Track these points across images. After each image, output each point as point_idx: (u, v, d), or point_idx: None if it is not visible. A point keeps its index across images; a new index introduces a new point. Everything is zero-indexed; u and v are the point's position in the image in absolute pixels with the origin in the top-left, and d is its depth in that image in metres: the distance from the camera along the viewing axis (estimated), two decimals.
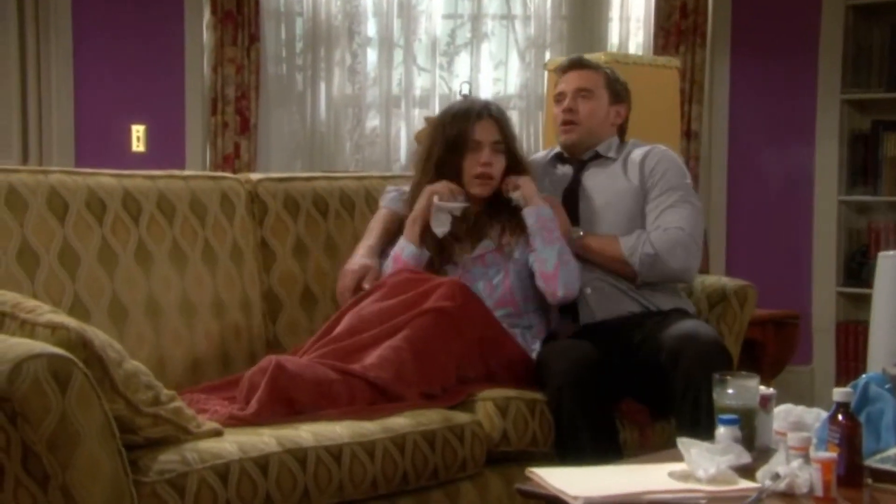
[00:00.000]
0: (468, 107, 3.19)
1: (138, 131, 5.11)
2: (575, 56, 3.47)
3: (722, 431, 2.27)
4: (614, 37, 5.43)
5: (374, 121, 5.34)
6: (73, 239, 2.71)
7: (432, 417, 2.66)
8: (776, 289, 4.81)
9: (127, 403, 2.13)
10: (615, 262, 3.17)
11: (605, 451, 2.79)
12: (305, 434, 2.41)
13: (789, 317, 4.58)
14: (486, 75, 5.38)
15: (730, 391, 2.36)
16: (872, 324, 4.00)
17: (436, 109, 5.25)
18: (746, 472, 2.15)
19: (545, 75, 4.51)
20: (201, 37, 5.11)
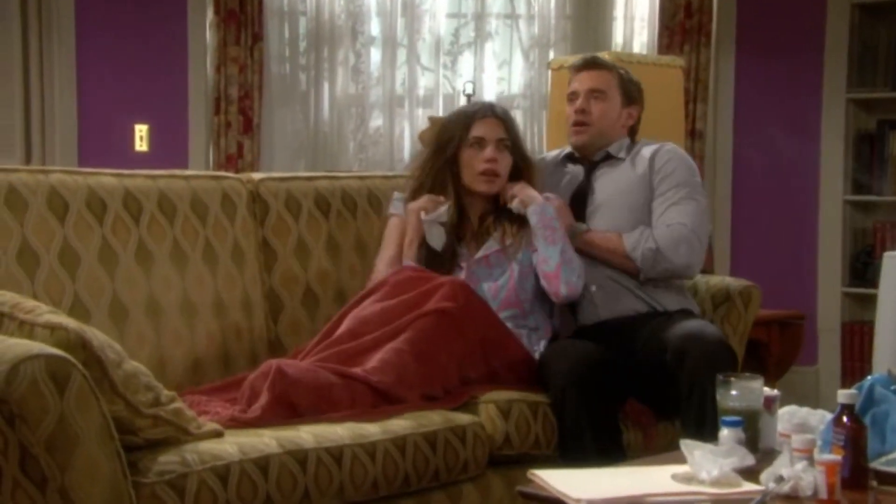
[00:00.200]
0: (471, 107, 3.26)
1: (141, 131, 5.10)
2: (589, 55, 3.45)
3: (725, 433, 2.26)
4: (618, 36, 5.41)
5: (377, 120, 5.33)
6: (74, 239, 2.70)
7: (433, 419, 2.65)
8: (781, 289, 4.80)
9: (127, 404, 2.12)
10: (618, 257, 3.16)
11: (608, 452, 2.78)
12: (306, 435, 2.40)
13: (794, 317, 4.57)
14: (489, 75, 5.37)
15: (733, 392, 2.35)
16: (878, 324, 3.98)
17: (439, 109, 5.24)
18: (750, 474, 2.14)
19: (549, 75, 4.49)
20: (204, 36, 5.09)
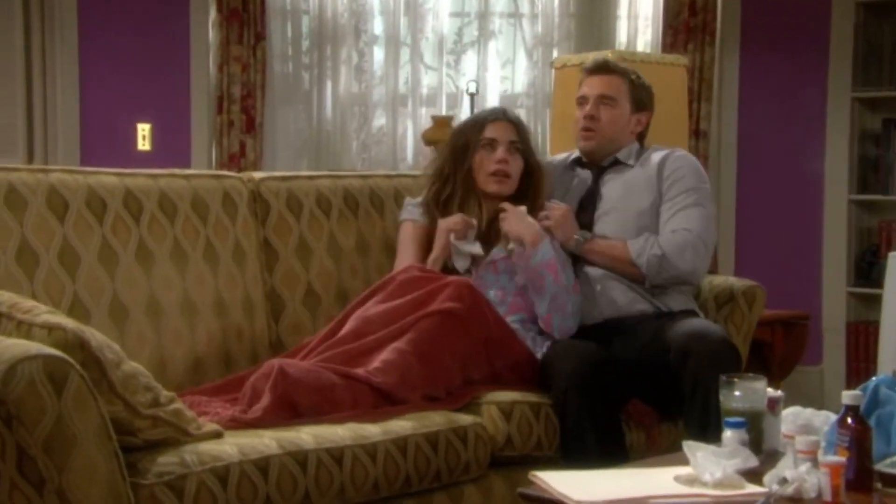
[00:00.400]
0: (483, 111, 3.32)
1: (144, 130, 5.09)
2: (601, 59, 3.42)
3: (729, 434, 2.25)
4: (622, 35, 5.40)
5: (380, 119, 5.32)
6: (74, 238, 2.69)
7: (435, 419, 2.64)
8: (785, 289, 4.79)
9: (126, 405, 2.11)
10: (623, 265, 3.15)
11: (611, 453, 2.77)
12: (306, 436, 2.39)
13: (798, 317, 4.56)
14: (493, 74, 5.36)
15: (737, 393, 2.33)
16: (883, 324, 3.97)
17: (443, 108, 5.23)
18: (753, 476, 2.13)
19: (552, 74, 4.48)
20: (207, 35, 5.09)
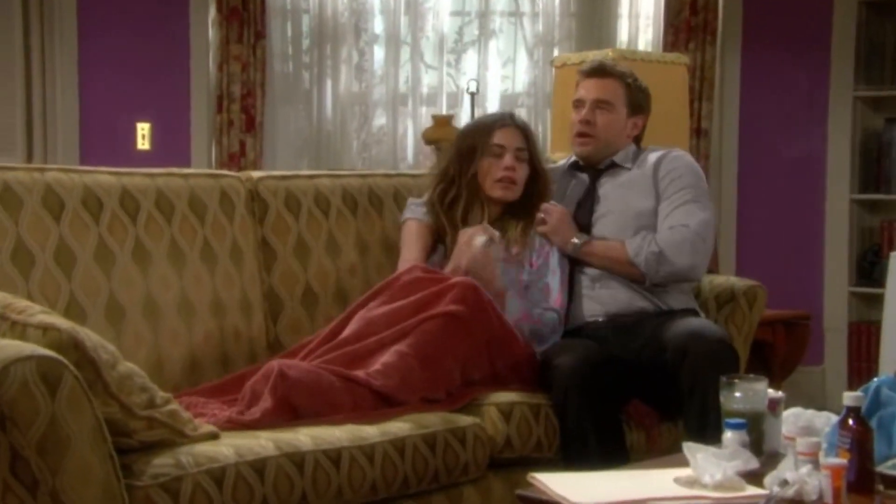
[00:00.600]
0: (490, 116, 3.37)
1: (143, 129, 5.08)
2: (597, 62, 3.40)
3: (729, 436, 2.23)
4: (623, 34, 5.38)
5: (380, 119, 5.32)
6: (69, 238, 2.67)
7: (433, 420, 2.63)
8: (787, 288, 4.78)
9: (121, 406, 2.10)
10: (621, 264, 3.14)
11: (611, 453, 2.77)
12: (304, 438, 2.38)
13: (800, 317, 4.55)
14: (493, 73, 5.34)
15: (737, 394, 2.32)
16: (885, 324, 3.96)
17: (443, 107, 5.22)
18: (754, 478, 2.12)
19: (553, 73, 4.47)
20: (207, 34, 5.08)
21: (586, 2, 5.38)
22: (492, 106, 5.26)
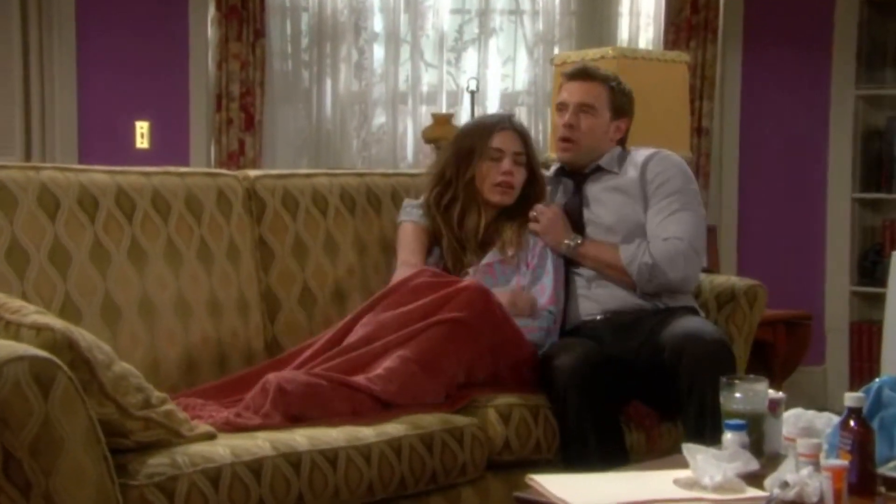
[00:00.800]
0: (489, 118, 3.35)
1: (142, 128, 5.07)
2: (580, 65, 3.40)
3: (729, 437, 2.22)
4: (624, 32, 5.37)
5: (380, 118, 5.30)
6: (65, 237, 2.65)
7: (430, 420, 2.62)
8: (788, 288, 4.77)
9: (117, 407, 2.09)
10: (613, 270, 3.14)
11: (611, 453, 2.77)
12: (300, 438, 2.37)
13: (801, 317, 4.54)
14: (493, 71, 5.33)
15: (737, 395, 2.31)
16: (886, 323, 3.95)
17: (443, 106, 5.21)
18: (754, 479, 2.11)
19: (553, 71, 4.45)
20: (206, 32, 5.07)
21: (587, 0, 5.37)
22: (492, 104, 5.25)
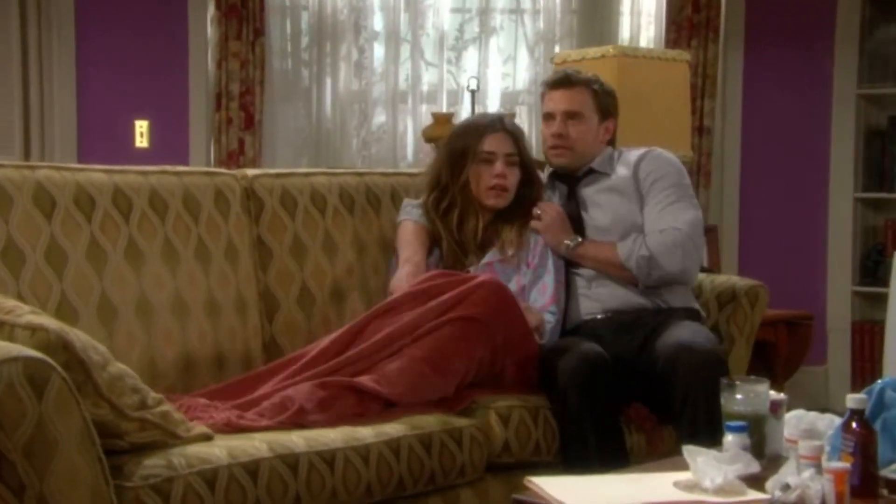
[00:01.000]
0: (480, 120, 3.33)
1: (142, 127, 5.07)
2: (561, 72, 3.39)
3: (730, 439, 2.21)
4: (625, 31, 5.36)
5: (380, 117, 5.30)
6: (61, 237, 2.63)
7: (429, 421, 2.61)
8: (790, 288, 4.76)
9: (112, 408, 2.07)
10: (613, 267, 3.13)
11: (611, 454, 2.76)
12: (297, 439, 2.36)
13: (803, 317, 4.53)
14: (494, 70, 5.32)
15: (738, 396, 2.29)
16: (888, 323, 3.93)
17: (443, 105, 5.20)
18: (755, 482, 2.09)
19: (554, 70, 4.44)
20: (205, 31, 5.07)
21: None
22: (492, 104, 5.25)
